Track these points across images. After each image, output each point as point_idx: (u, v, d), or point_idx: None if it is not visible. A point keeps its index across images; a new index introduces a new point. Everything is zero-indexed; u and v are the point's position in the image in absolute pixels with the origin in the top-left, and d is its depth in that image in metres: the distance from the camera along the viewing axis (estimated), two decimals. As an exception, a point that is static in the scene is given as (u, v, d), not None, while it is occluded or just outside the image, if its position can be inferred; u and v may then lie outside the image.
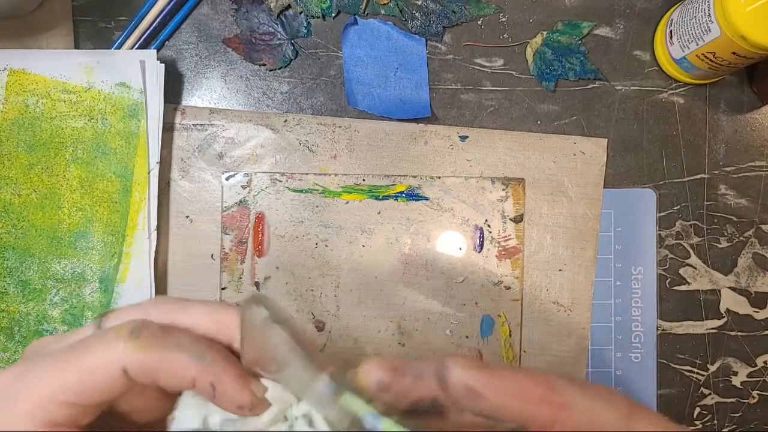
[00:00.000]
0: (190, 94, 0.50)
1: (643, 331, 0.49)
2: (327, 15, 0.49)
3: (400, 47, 0.49)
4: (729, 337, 0.49)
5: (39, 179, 0.48)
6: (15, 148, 0.48)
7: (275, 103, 0.50)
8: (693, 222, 0.49)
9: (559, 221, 0.48)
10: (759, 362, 0.49)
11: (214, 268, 0.49)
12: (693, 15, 0.43)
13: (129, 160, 0.48)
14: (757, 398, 0.49)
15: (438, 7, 0.49)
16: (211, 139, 0.49)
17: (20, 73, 0.48)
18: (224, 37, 0.49)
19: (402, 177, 0.48)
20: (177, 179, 0.49)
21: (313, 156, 0.49)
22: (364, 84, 0.49)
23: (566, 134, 0.49)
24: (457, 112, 0.49)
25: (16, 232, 0.48)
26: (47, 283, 0.48)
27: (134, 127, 0.47)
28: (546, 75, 0.49)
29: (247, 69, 0.50)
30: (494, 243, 0.48)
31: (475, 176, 0.48)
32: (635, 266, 0.49)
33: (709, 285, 0.49)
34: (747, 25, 0.39)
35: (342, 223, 0.48)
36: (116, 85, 0.48)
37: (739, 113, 0.49)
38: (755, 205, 0.49)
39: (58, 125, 0.48)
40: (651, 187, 0.49)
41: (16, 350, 0.48)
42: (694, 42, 0.44)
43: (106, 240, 0.48)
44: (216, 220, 0.49)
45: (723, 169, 0.49)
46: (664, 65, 0.48)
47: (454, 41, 0.49)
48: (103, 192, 0.48)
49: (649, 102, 0.49)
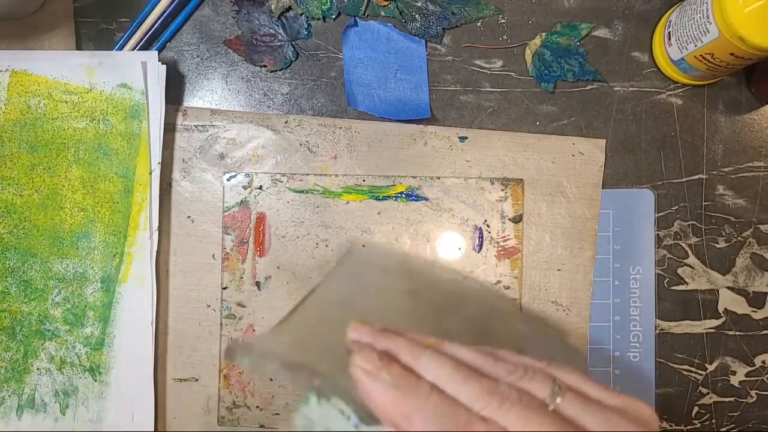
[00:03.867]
0: (192, 95, 0.50)
1: (641, 331, 0.49)
2: (327, 16, 0.49)
3: (400, 49, 0.49)
4: (727, 336, 0.49)
5: (41, 180, 0.48)
6: (17, 149, 0.48)
7: (276, 104, 0.50)
8: (691, 222, 0.49)
9: (558, 221, 0.48)
10: (757, 361, 0.49)
11: (215, 267, 0.49)
12: (691, 16, 0.43)
13: (130, 160, 0.48)
14: (755, 397, 0.49)
15: (437, 8, 0.49)
16: (213, 139, 0.49)
17: (22, 74, 0.48)
18: (225, 38, 0.50)
19: (402, 177, 0.49)
20: (178, 180, 0.49)
21: (314, 157, 0.49)
22: (365, 85, 0.49)
23: (565, 135, 0.49)
24: (457, 113, 0.49)
25: (18, 233, 0.48)
26: (49, 283, 0.48)
27: (136, 128, 0.48)
28: (545, 76, 0.49)
29: (248, 70, 0.50)
30: (493, 243, 0.48)
31: (474, 177, 0.49)
32: (633, 266, 0.49)
33: (707, 285, 0.49)
34: (745, 26, 0.39)
35: (342, 224, 0.49)
36: (118, 86, 0.48)
37: (737, 114, 0.49)
38: (753, 205, 0.49)
39: (59, 126, 0.48)
40: (649, 187, 0.49)
41: (17, 350, 0.48)
42: (692, 43, 0.44)
43: (108, 240, 0.48)
44: (217, 221, 0.49)
45: (721, 169, 0.49)
46: (663, 66, 0.48)
47: (454, 43, 0.49)
48: (104, 192, 0.48)
49: (648, 103, 0.49)
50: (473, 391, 0.26)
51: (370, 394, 0.26)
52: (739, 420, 0.49)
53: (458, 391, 0.26)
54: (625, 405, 0.27)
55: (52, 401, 0.48)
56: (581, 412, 0.26)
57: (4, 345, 0.48)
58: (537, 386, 0.27)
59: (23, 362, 0.48)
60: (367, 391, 0.26)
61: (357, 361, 0.27)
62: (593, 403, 0.27)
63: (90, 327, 0.48)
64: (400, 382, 0.26)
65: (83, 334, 0.48)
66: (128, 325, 0.48)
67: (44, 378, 0.48)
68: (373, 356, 0.27)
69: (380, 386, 0.26)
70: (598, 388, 0.28)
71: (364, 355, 0.27)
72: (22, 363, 0.48)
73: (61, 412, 0.48)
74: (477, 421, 0.25)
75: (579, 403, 0.27)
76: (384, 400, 0.26)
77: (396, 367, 0.27)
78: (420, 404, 0.25)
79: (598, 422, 0.26)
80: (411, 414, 0.25)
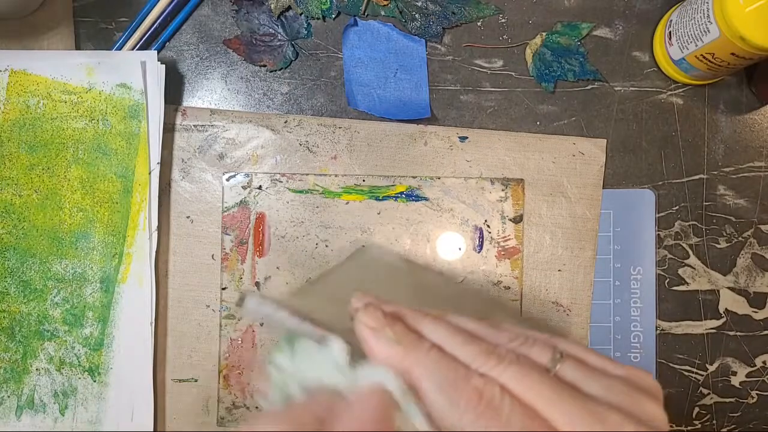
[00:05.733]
0: (191, 95, 0.50)
1: (642, 331, 0.49)
2: (327, 16, 0.49)
3: (400, 48, 0.49)
4: (728, 337, 0.49)
5: (40, 180, 0.48)
6: (16, 149, 0.48)
7: (276, 104, 0.50)
8: (692, 222, 0.49)
9: (559, 221, 0.48)
10: (758, 362, 0.49)
11: (214, 268, 0.49)
12: (692, 16, 0.43)
13: (130, 160, 0.48)
14: (756, 398, 0.49)
15: (438, 8, 0.49)
16: (212, 139, 0.49)
17: (21, 73, 0.48)
18: (225, 38, 0.49)
19: (402, 177, 0.49)
20: (178, 180, 0.49)
21: (314, 157, 0.49)
22: (364, 85, 0.49)
23: (565, 135, 0.49)
24: (457, 113, 0.49)
25: (17, 233, 0.48)
26: (48, 284, 0.48)
27: (135, 128, 0.48)
28: (545, 76, 0.49)
29: (248, 70, 0.50)
30: (494, 243, 0.48)
31: (474, 177, 0.48)
32: (634, 266, 0.49)
33: (708, 285, 0.49)
34: (746, 26, 0.39)
35: (342, 224, 0.48)
36: (117, 85, 0.48)
37: (737, 114, 0.49)
38: (754, 205, 0.49)
39: (59, 126, 0.48)
40: (650, 187, 0.49)
41: (17, 350, 0.48)
42: (693, 43, 0.44)
43: (107, 240, 0.48)
44: (217, 221, 0.49)
45: (722, 169, 0.49)
46: (663, 66, 0.48)
47: (454, 42, 0.49)
48: (104, 192, 0.48)
49: (648, 103, 0.49)
50: (472, 351, 0.26)
51: (374, 350, 0.27)
52: (740, 421, 0.49)
53: (458, 351, 0.27)
54: (629, 374, 0.27)
55: (51, 402, 0.48)
56: (582, 378, 0.26)
57: (3, 345, 0.48)
58: (538, 352, 0.27)
59: (22, 363, 0.48)
60: (371, 347, 0.27)
61: (362, 318, 0.27)
62: (596, 370, 0.27)
63: (89, 327, 0.48)
64: (403, 339, 0.27)
65: (82, 334, 0.48)
66: (127, 326, 0.48)
67: (43, 378, 0.48)
68: (378, 314, 0.27)
69: (383, 342, 0.26)
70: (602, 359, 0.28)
71: (369, 312, 0.27)
72: (21, 363, 0.48)
73: (61, 413, 0.48)
74: (475, 376, 0.25)
75: (581, 369, 0.27)
76: (387, 355, 0.26)
77: (399, 326, 0.27)
78: (420, 359, 0.26)
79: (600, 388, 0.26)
80: (411, 367, 0.26)
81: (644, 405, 0.26)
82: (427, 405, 0.25)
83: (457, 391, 0.25)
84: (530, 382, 0.25)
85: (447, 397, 0.25)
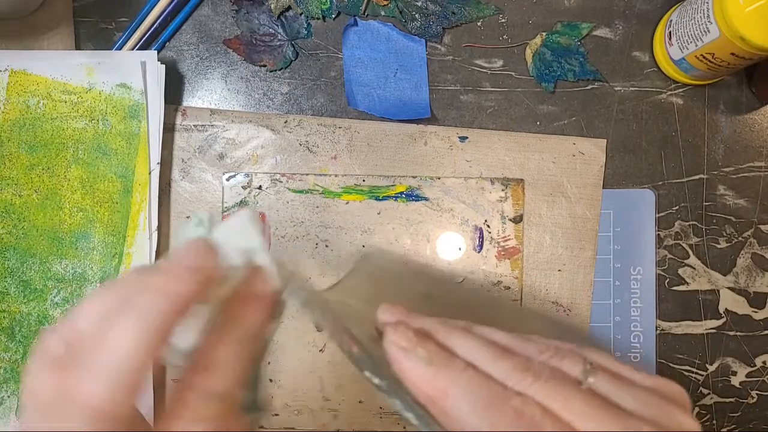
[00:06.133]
0: (191, 95, 0.50)
1: (642, 331, 0.49)
2: (327, 16, 0.49)
3: (400, 48, 0.49)
4: (728, 337, 0.49)
5: (40, 180, 0.48)
6: (16, 149, 0.48)
7: (276, 104, 0.50)
8: (692, 222, 0.49)
9: (559, 221, 0.48)
10: (758, 362, 0.49)
11: (214, 268, 0.49)
12: (692, 16, 0.43)
13: (130, 160, 0.48)
14: (756, 398, 0.49)
15: (438, 8, 0.49)
16: (212, 139, 0.49)
17: (21, 73, 0.48)
18: (225, 38, 0.49)
19: (402, 177, 0.49)
20: (178, 180, 0.49)
21: (314, 157, 0.49)
22: (364, 85, 0.49)
23: (565, 135, 0.49)
24: (457, 113, 0.49)
25: (17, 233, 0.48)
26: (48, 284, 0.48)
27: (135, 128, 0.48)
28: (545, 76, 0.49)
29: (248, 70, 0.50)
30: (494, 243, 0.48)
31: (474, 177, 0.48)
32: (634, 266, 0.49)
33: (708, 285, 0.49)
34: (746, 26, 0.39)
35: (342, 224, 0.48)
36: (117, 85, 0.48)
37: (737, 114, 0.49)
38: (754, 205, 0.49)
39: (59, 126, 0.48)
40: (650, 187, 0.49)
41: (17, 350, 0.48)
42: (693, 43, 0.44)
43: (107, 240, 0.48)
44: (216, 221, 0.49)
45: (722, 169, 0.49)
46: (663, 66, 0.48)
47: (454, 42, 0.49)
48: (104, 192, 0.48)
49: (648, 103, 0.49)
50: (506, 368, 0.26)
51: (406, 371, 0.26)
52: (740, 421, 0.49)
53: (492, 368, 0.26)
54: (657, 385, 0.27)
55: (51, 402, 0.48)
56: (614, 390, 0.26)
57: (3, 345, 0.48)
58: (569, 365, 0.27)
59: (22, 363, 0.48)
60: (403, 367, 0.26)
61: (392, 337, 0.27)
62: (626, 381, 0.27)
63: (89, 327, 0.48)
64: (435, 358, 0.26)
65: (82, 334, 0.48)
66: (127, 326, 0.47)
67: (43, 378, 0.48)
68: (408, 333, 0.27)
69: (416, 362, 0.26)
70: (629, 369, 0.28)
71: (399, 331, 0.27)
72: (22, 363, 0.48)
73: (61, 413, 0.48)
74: (513, 396, 0.25)
75: (612, 381, 0.27)
76: (420, 376, 0.26)
77: (431, 344, 0.27)
78: (455, 378, 0.25)
79: (632, 400, 0.26)
80: (447, 388, 0.25)
81: (676, 416, 0.26)
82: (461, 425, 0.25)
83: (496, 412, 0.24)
84: (566, 399, 0.25)
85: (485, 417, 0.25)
